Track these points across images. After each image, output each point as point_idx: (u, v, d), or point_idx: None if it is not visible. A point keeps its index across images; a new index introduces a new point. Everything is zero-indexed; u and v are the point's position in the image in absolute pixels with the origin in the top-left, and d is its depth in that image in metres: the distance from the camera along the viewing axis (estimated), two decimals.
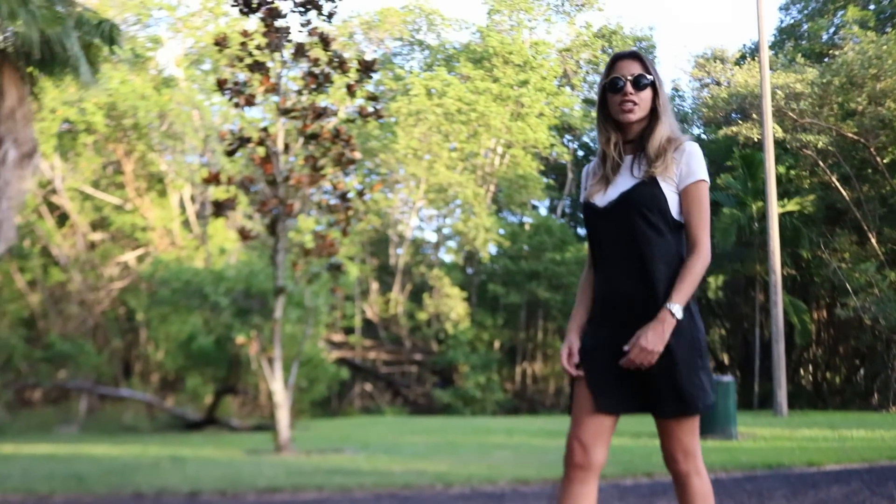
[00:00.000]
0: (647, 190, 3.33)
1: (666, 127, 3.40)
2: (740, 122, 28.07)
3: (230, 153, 11.64)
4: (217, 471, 9.65)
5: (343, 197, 12.00)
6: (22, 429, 20.68)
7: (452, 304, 27.67)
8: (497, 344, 30.05)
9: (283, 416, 12.16)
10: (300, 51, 11.65)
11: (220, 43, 11.59)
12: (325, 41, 11.71)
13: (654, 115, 3.41)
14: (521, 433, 15.52)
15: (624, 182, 3.38)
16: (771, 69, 24.66)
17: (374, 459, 10.75)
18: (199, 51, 25.02)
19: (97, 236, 26.00)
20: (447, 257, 30.89)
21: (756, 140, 26.08)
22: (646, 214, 3.31)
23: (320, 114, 11.59)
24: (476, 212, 27.05)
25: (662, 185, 3.33)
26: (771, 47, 29.82)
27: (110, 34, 13.15)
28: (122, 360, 26.15)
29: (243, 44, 11.58)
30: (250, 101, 11.59)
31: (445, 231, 30.88)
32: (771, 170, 21.35)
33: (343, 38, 25.46)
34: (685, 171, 3.36)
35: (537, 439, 13.65)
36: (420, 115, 26.08)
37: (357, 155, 11.93)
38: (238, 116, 22.01)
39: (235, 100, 11.56)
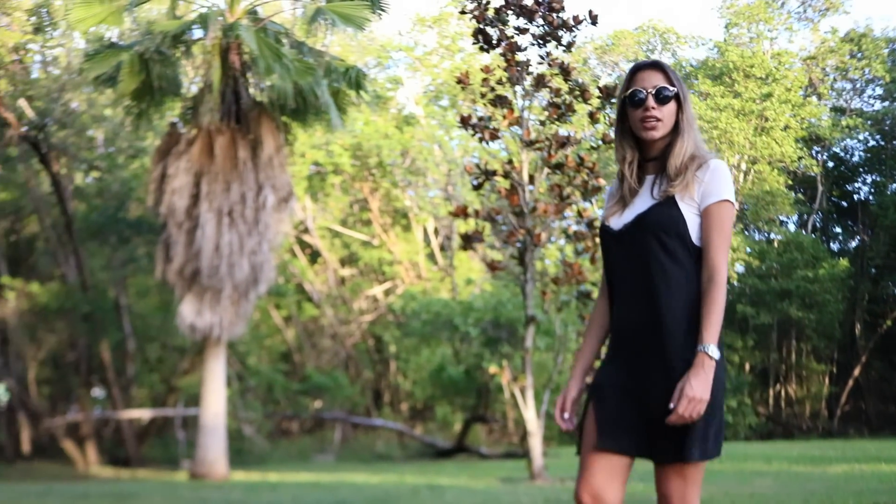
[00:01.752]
0: (664, 211, 3.05)
1: (689, 143, 3.10)
2: None
3: (477, 187, 11.82)
4: (475, 499, 9.74)
5: (590, 224, 11.93)
6: (282, 457, 21.68)
7: None
8: (748, 366, 28.96)
9: (536, 444, 12.16)
10: (541, 82, 11.70)
11: (463, 80, 11.80)
12: (565, 71, 11.71)
13: (676, 130, 3.11)
14: (779, 459, 14.82)
15: (642, 203, 3.11)
16: None
17: (629, 486, 10.53)
18: (437, 88, 25.63)
19: (347, 272, 27.00)
20: None
21: None
22: (661, 238, 3.02)
23: (564, 143, 11.57)
24: None
25: (682, 205, 3.04)
26: None
27: (356, 80, 13.70)
28: (373, 391, 26.94)
29: (485, 80, 11.75)
30: (494, 136, 11.74)
31: None
32: None
33: (577, 65, 25.45)
34: (707, 190, 3.05)
35: (798, 466, 13.01)
36: None
37: (602, 182, 11.81)
38: (477, 149, 22.36)
39: (479, 135, 11.74)
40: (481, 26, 11.80)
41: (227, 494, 11.48)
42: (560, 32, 11.77)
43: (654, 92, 3.07)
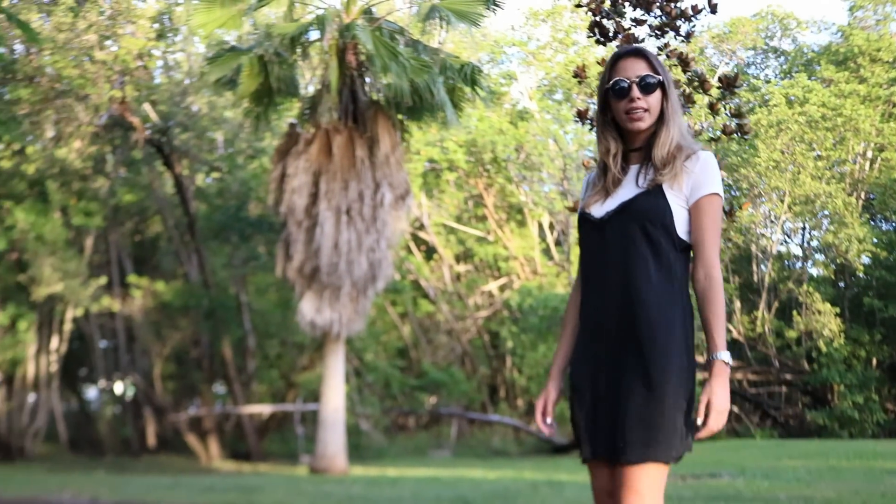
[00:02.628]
0: (651, 200, 2.90)
1: (675, 132, 2.95)
2: None
3: None
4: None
5: None
6: (399, 453, 21.82)
7: (824, 321, 26.10)
8: (875, 361, 28.00)
9: None
10: None
11: (579, 74, 11.64)
12: (683, 62, 11.42)
13: (661, 119, 2.96)
14: None
15: (626, 192, 2.95)
16: None
17: (754, 484, 10.28)
18: (551, 82, 25.44)
19: (462, 268, 27.04)
20: (814, 271, 29.18)
21: None
22: (646, 227, 2.87)
23: None
24: (847, 222, 25.39)
25: (669, 196, 2.89)
26: None
27: (472, 76, 13.66)
28: (489, 386, 26.92)
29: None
30: None
31: (813, 244, 29.25)
32: None
33: (692, 54, 24.83)
34: (697, 181, 2.91)
35: None
36: (781, 125, 24.87)
37: (722, 174, 11.53)
38: (592, 143, 22.12)
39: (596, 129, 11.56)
40: (597, 19, 11.61)
41: (348, 489, 11.59)
42: (678, 22, 11.48)
43: (638, 81, 2.94)
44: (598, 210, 2.99)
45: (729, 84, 11.62)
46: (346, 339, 16.02)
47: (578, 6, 11.99)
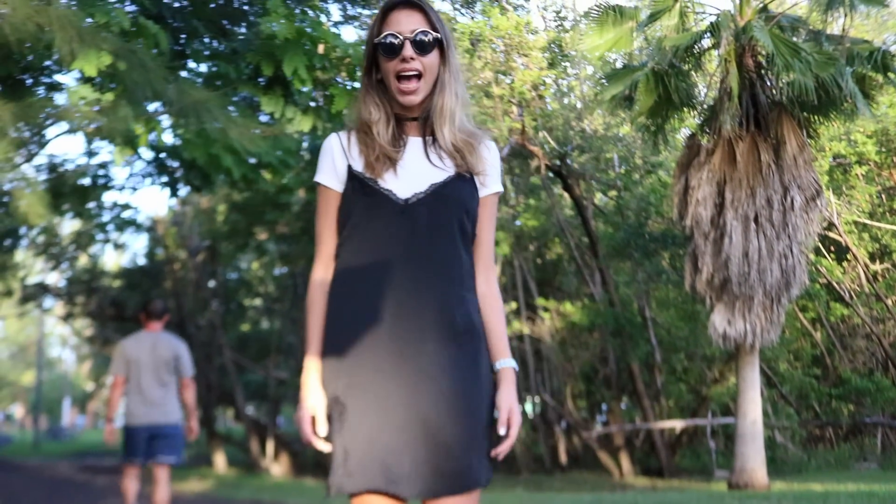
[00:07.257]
0: (467, 189, 2.56)
1: (452, 100, 2.50)
2: None
3: None
4: None
5: None
6: (819, 466, 20.90)
7: None
8: None
9: None
10: None
11: None
12: None
13: (440, 84, 2.50)
14: None
15: (431, 172, 2.54)
16: None
17: None
18: None
19: (878, 267, 25.32)
20: None
21: None
22: (463, 220, 2.53)
23: None
24: None
25: (476, 182, 2.60)
26: None
27: (882, 62, 12.80)
28: None
29: None
30: None
31: None
32: None
33: None
34: (490, 175, 2.62)
35: None
36: None
37: None
38: None
39: None
40: None
41: None
42: None
43: (412, 38, 2.52)
44: (402, 189, 2.53)
45: None
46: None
47: None
